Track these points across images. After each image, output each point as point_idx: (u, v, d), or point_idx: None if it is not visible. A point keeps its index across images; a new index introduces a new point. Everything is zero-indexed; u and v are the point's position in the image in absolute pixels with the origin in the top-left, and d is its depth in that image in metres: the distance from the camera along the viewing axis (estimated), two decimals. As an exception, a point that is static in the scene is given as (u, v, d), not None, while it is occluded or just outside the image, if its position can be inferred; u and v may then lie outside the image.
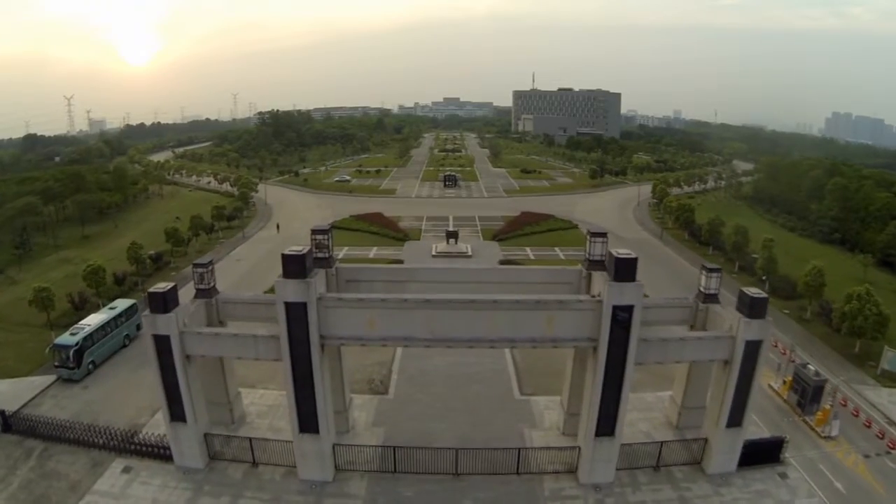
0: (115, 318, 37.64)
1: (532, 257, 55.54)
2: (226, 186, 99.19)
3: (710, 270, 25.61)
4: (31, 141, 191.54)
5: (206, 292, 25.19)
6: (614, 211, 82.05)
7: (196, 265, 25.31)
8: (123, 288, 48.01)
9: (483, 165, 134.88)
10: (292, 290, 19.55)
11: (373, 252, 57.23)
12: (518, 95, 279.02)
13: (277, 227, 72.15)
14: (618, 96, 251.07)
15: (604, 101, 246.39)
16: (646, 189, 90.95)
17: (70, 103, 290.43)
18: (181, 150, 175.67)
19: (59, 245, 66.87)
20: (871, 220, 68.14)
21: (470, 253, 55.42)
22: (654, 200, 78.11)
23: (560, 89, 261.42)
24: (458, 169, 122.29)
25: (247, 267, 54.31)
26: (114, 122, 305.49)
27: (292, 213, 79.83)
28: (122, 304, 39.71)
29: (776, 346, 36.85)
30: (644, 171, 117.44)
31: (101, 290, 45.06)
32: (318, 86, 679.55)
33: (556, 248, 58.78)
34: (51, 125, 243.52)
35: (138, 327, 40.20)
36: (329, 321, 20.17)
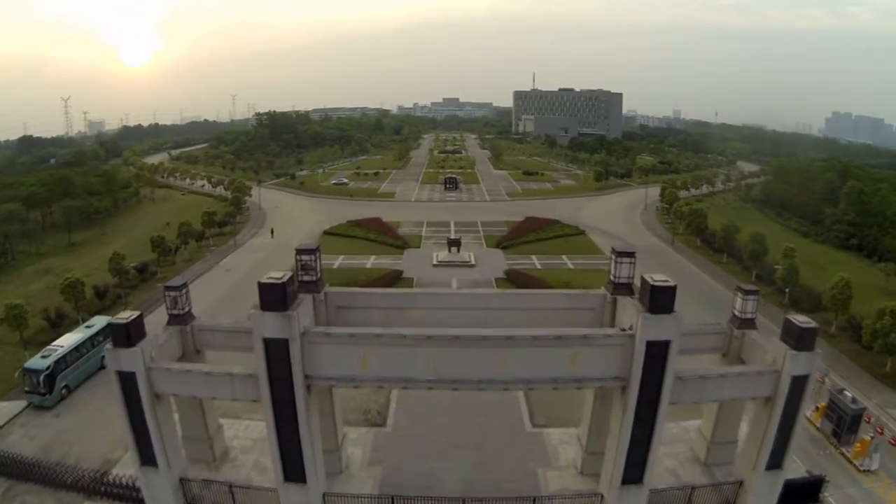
0: (91, 338, 35.02)
1: (539, 266, 52.70)
2: (220, 190, 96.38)
3: (747, 293, 22.79)
4: (27, 143, 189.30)
5: (180, 318, 22.37)
6: (621, 215, 79.28)
7: (168, 288, 22.47)
8: (105, 302, 45.32)
9: (484, 167, 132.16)
10: (271, 325, 16.76)
11: (370, 261, 54.38)
12: (518, 96, 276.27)
13: (272, 232, 69.45)
14: (619, 96, 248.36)
15: (605, 102, 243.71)
16: (653, 192, 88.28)
17: (67, 105, 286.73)
18: (177, 151, 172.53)
19: (44, 253, 64.17)
20: (889, 226, 65.57)
21: (473, 262, 52.55)
22: (665, 206, 75.21)
23: (561, 89, 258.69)
24: (459, 171, 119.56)
25: (237, 277, 51.53)
26: (113, 123, 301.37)
27: (287, 218, 77.04)
28: (99, 321, 37.03)
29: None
30: (649, 173, 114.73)
31: (80, 304, 42.31)
32: (318, 87, 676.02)
33: (564, 257, 55.96)
34: (49, 127, 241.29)
35: (118, 346, 37.59)
36: (315, 359, 17.38)
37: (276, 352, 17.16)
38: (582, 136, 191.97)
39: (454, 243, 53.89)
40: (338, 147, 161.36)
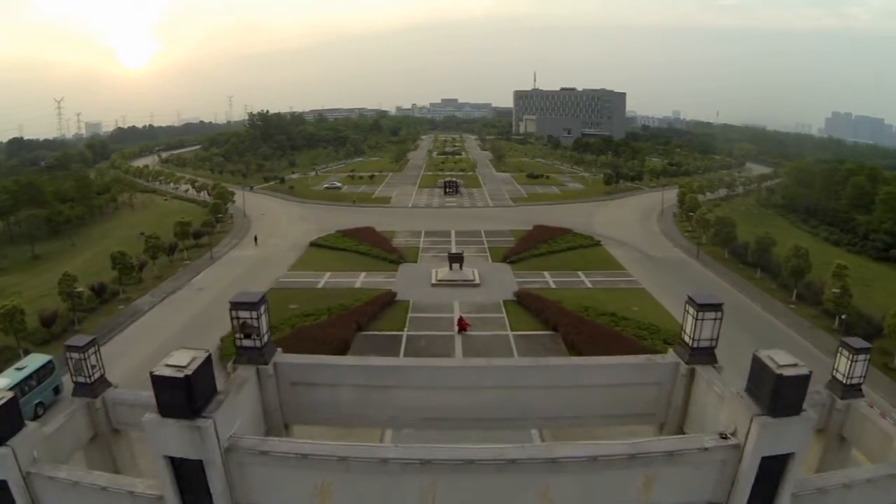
0: (22, 382, 28.87)
1: (552, 285, 46.35)
2: (203, 195, 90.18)
3: (857, 350, 16.74)
4: (17, 145, 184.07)
5: (87, 389, 16.30)
6: (637, 223, 73.06)
7: (70, 348, 16.37)
8: (54, 330, 39.12)
9: (486, 170, 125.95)
10: (175, 440, 10.71)
11: (360, 279, 48.07)
12: (519, 95, 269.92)
13: (255, 239, 63.96)
14: (623, 96, 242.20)
15: (609, 101, 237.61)
16: (667, 196, 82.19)
17: (60, 106, 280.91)
18: (166, 154, 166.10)
19: (3, 268, 58.12)
20: (934, 236, 59.59)
21: (477, 281, 46.20)
22: (689, 212, 68.63)
23: (563, 89, 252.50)
24: (460, 174, 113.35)
25: (209, 298, 45.28)
26: (110, 125, 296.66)
27: (273, 226, 70.73)
28: (33, 361, 30.97)
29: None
30: (660, 176, 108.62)
31: (20, 336, 36.14)
32: (316, 89, 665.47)
33: (580, 273, 49.59)
34: (47, 129, 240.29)
35: (56, 390, 31.48)
36: (250, 485, 11.33)
37: (189, 475, 11.09)
38: (586, 137, 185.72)
39: (456, 259, 47.55)
40: (332, 149, 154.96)
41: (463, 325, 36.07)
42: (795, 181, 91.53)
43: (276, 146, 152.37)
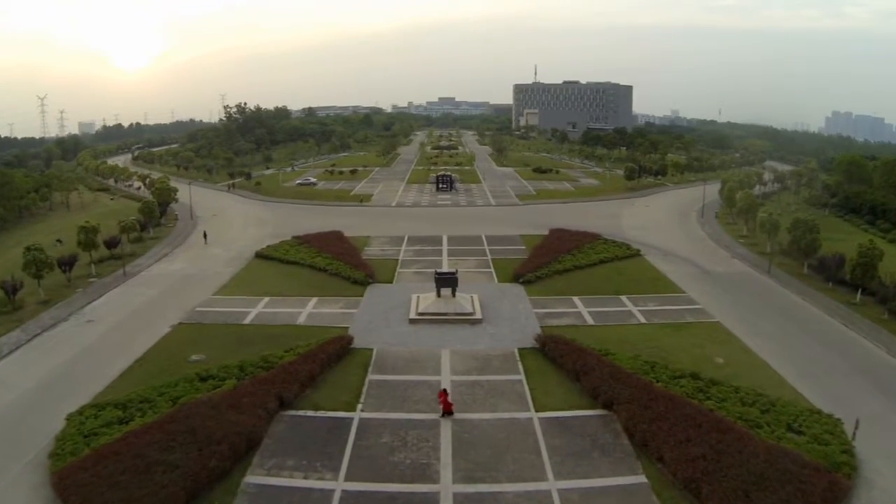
0: None
1: (589, 320, 31.96)
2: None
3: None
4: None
5: None
6: (675, 225, 59.17)
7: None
8: None
9: (486, 164, 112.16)
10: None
11: (307, 309, 33.74)
12: (519, 89, 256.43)
13: (205, 236, 52.90)
14: (629, 89, 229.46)
15: (614, 95, 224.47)
16: (698, 194, 68.68)
17: (43, 104, 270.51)
18: (136, 151, 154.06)
19: None
20: None
21: (478, 314, 31.90)
22: (748, 215, 54.11)
23: (565, 82, 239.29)
24: (455, 168, 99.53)
25: (95, 336, 31.44)
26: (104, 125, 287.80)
27: (221, 230, 56.72)
28: None
29: None
30: (684, 171, 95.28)
31: None
32: (313, 89, 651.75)
33: (624, 298, 35.21)
34: (39, 129, 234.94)
35: None
36: None
37: None
38: (594, 131, 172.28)
39: (446, 282, 32.84)
40: (314, 142, 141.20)
41: (447, 405, 21.98)
42: (848, 177, 78.58)
43: (254, 140, 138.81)
